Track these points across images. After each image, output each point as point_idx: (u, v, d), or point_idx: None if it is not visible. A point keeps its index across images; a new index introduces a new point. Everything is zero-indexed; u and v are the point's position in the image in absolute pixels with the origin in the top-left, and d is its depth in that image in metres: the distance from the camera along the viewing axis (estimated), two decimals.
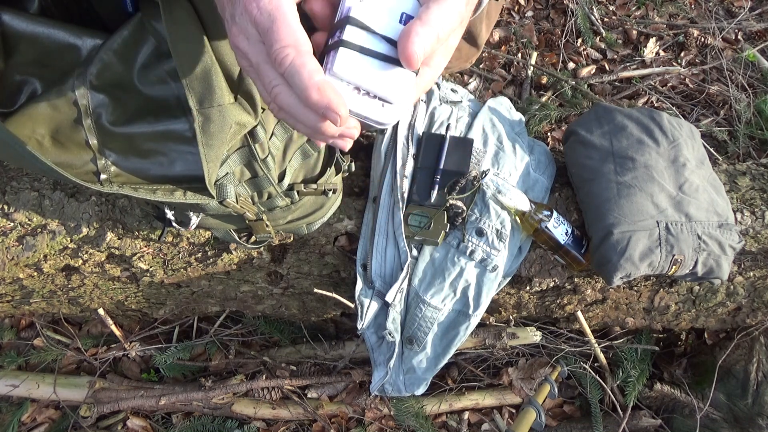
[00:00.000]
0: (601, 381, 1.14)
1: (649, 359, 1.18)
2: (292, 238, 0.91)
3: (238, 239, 0.81)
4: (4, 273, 0.85)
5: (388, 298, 0.87)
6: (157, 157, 0.61)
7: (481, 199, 0.90)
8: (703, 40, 1.66)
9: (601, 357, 1.15)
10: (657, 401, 1.17)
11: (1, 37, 0.53)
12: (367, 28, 0.37)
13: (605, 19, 1.74)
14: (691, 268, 0.87)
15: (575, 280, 0.97)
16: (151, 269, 0.91)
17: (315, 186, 0.76)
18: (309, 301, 1.06)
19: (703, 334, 1.24)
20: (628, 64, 1.65)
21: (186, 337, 1.27)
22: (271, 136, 0.67)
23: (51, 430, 1.17)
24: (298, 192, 0.74)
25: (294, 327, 1.24)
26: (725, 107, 1.55)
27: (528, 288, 0.97)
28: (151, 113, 0.59)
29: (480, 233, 0.88)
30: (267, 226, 0.76)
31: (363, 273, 0.91)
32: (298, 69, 0.34)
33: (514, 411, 1.21)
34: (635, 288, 1.00)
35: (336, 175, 0.81)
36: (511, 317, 1.09)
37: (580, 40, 1.68)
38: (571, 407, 1.24)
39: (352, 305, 0.93)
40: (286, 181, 0.72)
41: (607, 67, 1.65)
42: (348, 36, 0.36)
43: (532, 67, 1.59)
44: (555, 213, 0.89)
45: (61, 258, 0.85)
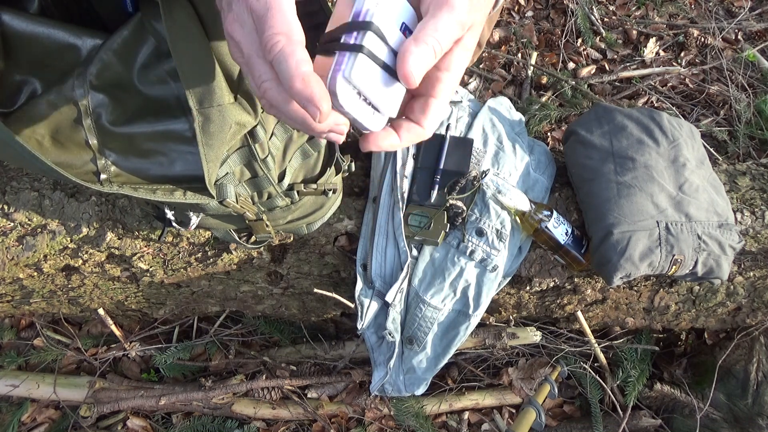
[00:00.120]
0: (601, 381, 1.14)
1: (649, 359, 1.18)
2: (292, 238, 0.91)
3: (238, 239, 0.81)
4: (4, 273, 0.85)
5: (388, 298, 0.87)
6: (157, 157, 0.61)
7: (481, 199, 0.90)
8: (703, 40, 1.66)
9: (601, 357, 1.15)
10: (657, 401, 1.17)
11: (1, 37, 0.52)
12: (383, 38, 0.37)
13: (605, 19, 1.74)
14: (691, 268, 0.87)
15: (575, 280, 0.97)
16: (151, 269, 0.91)
17: (315, 186, 0.76)
18: (309, 301, 1.06)
19: (703, 334, 1.24)
20: (628, 64, 1.65)
21: (186, 337, 1.27)
22: (271, 136, 0.67)
23: (51, 430, 1.17)
24: (298, 192, 0.74)
25: (294, 327, 1.24)
26: (725, 107, 1.55)
27: (528, 288, 0.97)
28: (151, 113, 0.59)
29: (480, 233, 0.88)
30: (267, 226, 0.76)
31: (363, 273, 0.91)
32: (286, 56, 0.34)
33: (514, 411, 1.21)
34: (635, 288, 1.00)
35: (336, 175, 0.81)
36: (511, 317, 1.09)
37: (580, 40, 1.68)
38: (571, 407, 1.24)
39: (352, 305, 0.93)
40: (286, 181, 0.72)
41: (607, 67, 1.65)
42: (368, 43, 0.36)
43: (532, 67, 1.59)
44: (555, 213, 0.89)
45: (61, 258, 0.85)
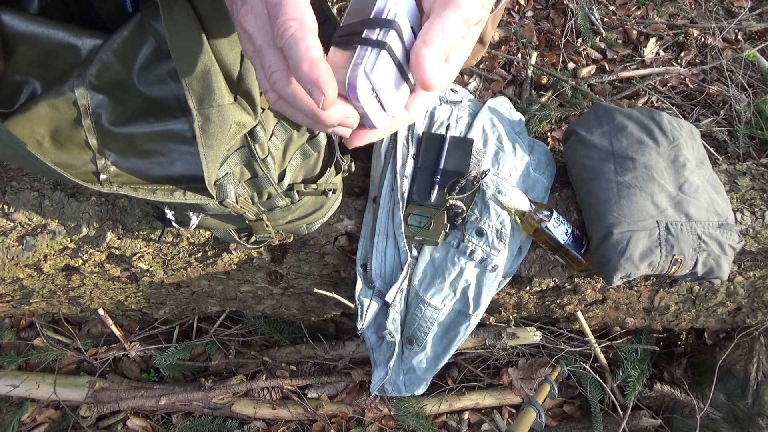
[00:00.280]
0: (601, 381, 1.14)
1: (649, 359, 1.18)
2: (292, 238, 0.91)
3: (238, 239, 0.81)
4: (4, 273, 0.85)
5: (388, 298, 0.87)
6: (156, 157, 0.61)
7: (481, 199, 0.90)
8: (703, 40, 1.66)
9: (601, 357, 1.15)
10: (657, 401, 1.17)
11: (1, 38, 0.53)
12: (401, 38, 0.37)
13: (605, 19, 1.74)
14: (691, 268, 0.87)
15: (575, 280, 0.97)
16: (151, 269, 0.91)
17: (315, 186, 0.76)
18: (309, 301, 1.06)
19: (703, 334, 1.24)
20: (628, 64, 1.65)
21: (186, 337, 1.27)
22: (270, 136, 0.67)
23: (51, 430, 1.17)
24: (298, 192, 0.74)
25: (294, 327, 1.24)
26: (725, 107, 1.55)
27: (528, 288, 0.97)
28: (150, 113, 0.59)
29: (480, 233, 0.88)
30: (267, 226, 0.76)
31: (363, 273, 0.91)
32: (297, 41, 0.34)
33: (514, 411, 1.21)
34: (635, 288, 1.00)
35: (336, 175, 0.81)
36: (511, 317, 1.09)
37: (580, 40, 1.68)
38: (571, 407, 1.24)
39: (352, 305, 0.93)
40: (286, 181, 0.72)
41: (607, 67, 1.65)
42: (390, 41, 0.36)
43: (532, 67, 1.59)
44: (555, 213, 0.89)
45: (61, 258, 0.85)
